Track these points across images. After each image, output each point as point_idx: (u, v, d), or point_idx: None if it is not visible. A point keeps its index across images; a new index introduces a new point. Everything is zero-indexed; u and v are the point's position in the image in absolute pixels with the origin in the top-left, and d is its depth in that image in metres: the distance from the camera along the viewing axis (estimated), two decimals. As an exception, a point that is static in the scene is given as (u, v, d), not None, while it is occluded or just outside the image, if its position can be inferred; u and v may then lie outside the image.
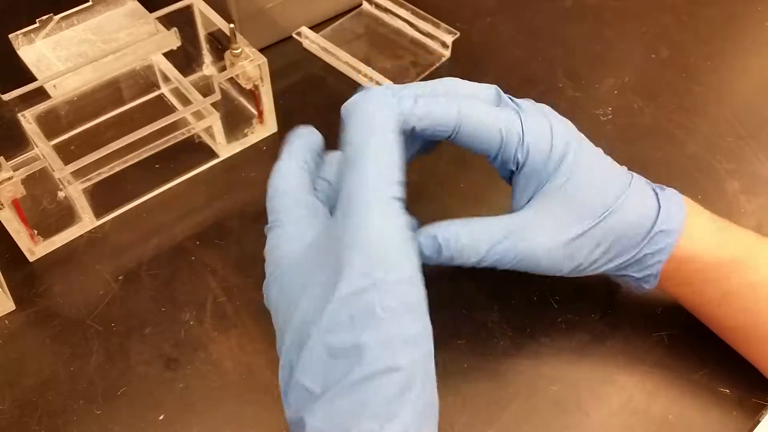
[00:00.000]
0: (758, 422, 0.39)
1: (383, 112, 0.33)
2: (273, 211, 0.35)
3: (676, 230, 0.37)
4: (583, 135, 0.38)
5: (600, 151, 0.38)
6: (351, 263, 0.29)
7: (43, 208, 0.47)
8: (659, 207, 0.37)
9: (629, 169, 0.39)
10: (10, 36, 0.56)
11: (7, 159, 0.44)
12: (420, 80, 0.58)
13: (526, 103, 0.38)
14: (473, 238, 0.35)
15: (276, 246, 0.34)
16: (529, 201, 0.36)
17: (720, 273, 0.37)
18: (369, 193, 0.31)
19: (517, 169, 0.36)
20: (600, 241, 0.36)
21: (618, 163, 0.39)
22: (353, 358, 0.29)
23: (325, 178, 0.37)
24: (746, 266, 0.37)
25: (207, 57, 0.57)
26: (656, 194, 0.38)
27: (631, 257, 0.37)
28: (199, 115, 0.50)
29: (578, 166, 0.36)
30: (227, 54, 0.50)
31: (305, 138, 0.37)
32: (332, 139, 0.54)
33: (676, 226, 0.37)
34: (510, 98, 0.38)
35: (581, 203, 0.36)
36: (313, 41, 0.60)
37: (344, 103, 0.34)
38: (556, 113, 0.38)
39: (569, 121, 0.38)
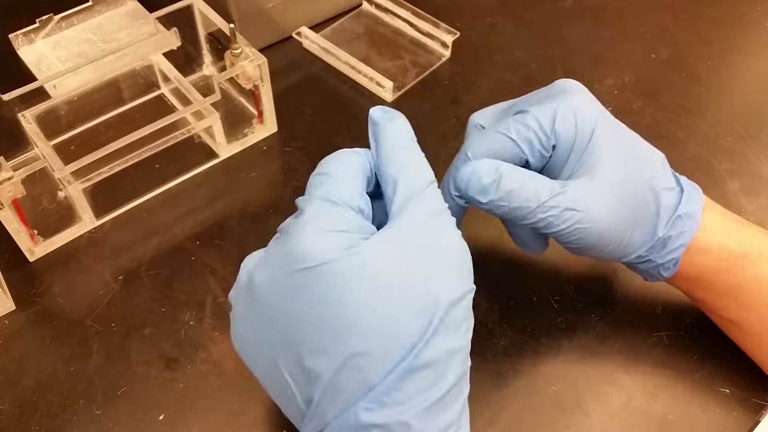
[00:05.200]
0: (758, 422, 0.39)
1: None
2: None
3: (697, 214, 0.37)
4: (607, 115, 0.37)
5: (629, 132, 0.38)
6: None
7: (43, 208, 0.47)
8: (681, 190, 0.37)
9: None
10: (10, 36, 0.56)
11: (7, 159, 0.44)
12: (420, 80, 0.58)
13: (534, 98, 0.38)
14: (536, 182, 0.34)
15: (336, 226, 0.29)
16: (570, 176, 0.36)
17: (729, 266, 0.37)
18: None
19: (551, 151, 0.36)
20: (661, 197, 0.36)
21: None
22: None
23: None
24: (754, 260, 0.37)
25: (207, 57, 0.57)
26: (677, 178, 0.38)
27: (658, 240, 0.37)
28: (199, 115, 0.50)
29: (613, 135, 0.36)
30: (227, 54, 0.50)
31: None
32: (332, 139, 0.54)
33: (697, 211, 0.37)
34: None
35: (625, 167, 0.36)
36: (313, 41, 0.60)
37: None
38: (575, 91, 0.37)
39: (588, 100, 0.37)
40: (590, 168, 0.35)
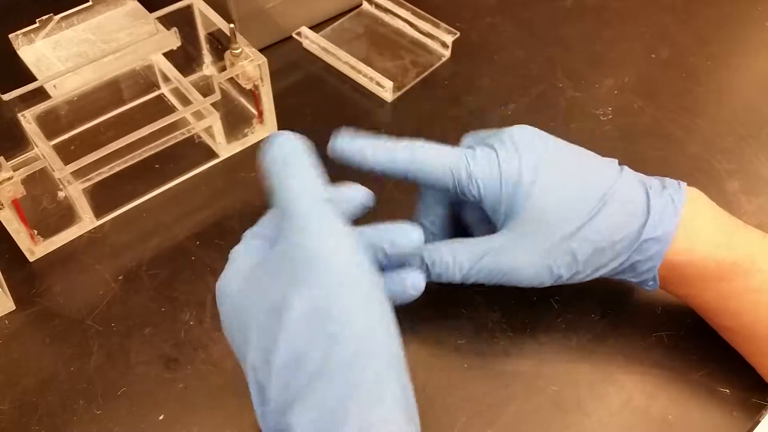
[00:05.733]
0: (758, 422, 0.39)
1: (296, 146, 0.33)
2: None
3: (667, 237, 0.36)
4: (557, 148, 0.38)
5: (580, 160, 0.39)
6: (304, 279, 0.28)
7: (43, 208, 0.47)
8: (648, 214, 0.36)
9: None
10: (10, 36, 0.56)
11: (7, 159, 0.44)
12: (420, 80, 0.58)
13: (482, 135, 0.40)
14: (456, 257, 0.38)
15: (234, 258, 0.33)
16: (503, 223, 0.38)
17: (721, 276, 0.37)
18: (304, 202, 0.30)
19: (480, 200, 0.38)
20: (577, 254, 0.36)
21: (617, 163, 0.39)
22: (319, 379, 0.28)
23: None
24: (748, 270, 0.37)
25: (207, 57, 0.57)
26: (647, 198, 0.37)
27: (620, 265, 0.37)
28: (199, 115, 0.50)
29: (538, 188, 0.37)
30: (227, 54, 0.50)
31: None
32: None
33: (667, 232, 0.36)
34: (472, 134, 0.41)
35: (549, 222, 0.36)
36: (313, 41, 0.60)
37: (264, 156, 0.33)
38: (520, 131, 0.38)
39: (534, 139, 0.38)
40: (519, 218, 0.37)
